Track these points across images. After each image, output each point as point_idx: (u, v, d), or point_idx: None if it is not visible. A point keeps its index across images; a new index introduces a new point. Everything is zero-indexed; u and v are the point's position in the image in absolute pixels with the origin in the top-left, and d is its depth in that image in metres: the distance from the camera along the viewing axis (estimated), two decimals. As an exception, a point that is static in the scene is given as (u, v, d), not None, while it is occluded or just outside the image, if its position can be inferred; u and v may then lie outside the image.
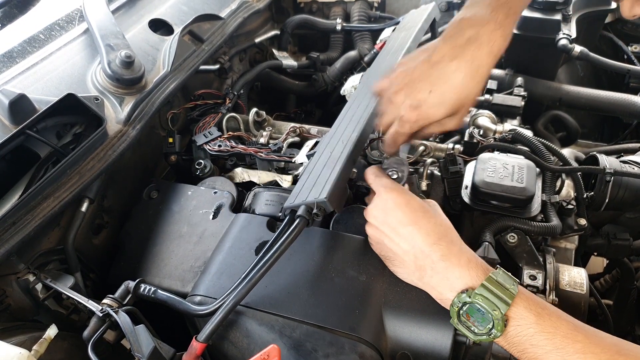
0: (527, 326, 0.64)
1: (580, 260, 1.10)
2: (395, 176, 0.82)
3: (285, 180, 1.01)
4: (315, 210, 0.76)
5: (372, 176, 0.82)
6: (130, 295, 0.78)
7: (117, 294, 0.78)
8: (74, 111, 0.94)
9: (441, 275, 0.70)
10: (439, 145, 1.13)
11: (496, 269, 0.69)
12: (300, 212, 0.76)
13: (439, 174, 1.01)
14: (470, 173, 0.96)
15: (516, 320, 0.64)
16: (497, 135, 1.10)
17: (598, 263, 1.65)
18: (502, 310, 0.64)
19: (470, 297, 0.66)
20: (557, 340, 0.62)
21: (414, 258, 0.72)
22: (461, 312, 0.67)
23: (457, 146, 1.10)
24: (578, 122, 1.63)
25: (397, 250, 0.74)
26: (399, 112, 0.78)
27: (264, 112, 1.25)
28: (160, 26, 1.23)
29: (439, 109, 0.76)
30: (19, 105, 0.84)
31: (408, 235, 0.73)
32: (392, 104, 0.80)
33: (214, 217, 0.96)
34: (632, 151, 1.23)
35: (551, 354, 0.62)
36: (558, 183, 1.00)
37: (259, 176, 1.02)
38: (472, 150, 1.06)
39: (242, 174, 1.05)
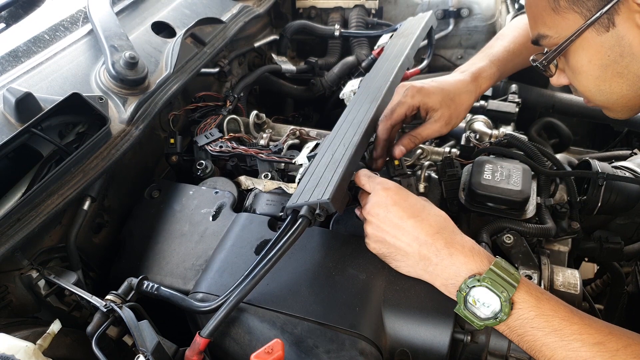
0: (529, 309, 0.67)
1: (573, 264, 1.12)
2: None
3: (291, 187, 1.02)
4: (318, 211, 0.77)
5: (364, 177, 0.85)
6: (133, 292, 0.79)
7: (120, 290, 0.78)
8: (78, 110, 0.95)
9: (446, 263, 0.72)
10: (436, 149, 1.15)
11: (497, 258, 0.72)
12: (303, 212, 0.77)
13: (436, 176, 1.03)
14: (467, 176, 0.98)
15: (519, 303, 0.67)
16: (492, 140, 1.12)
17: (589, 269, 1.68)
18: (510, 293, 0.67)
19: (479, 280, 0.68)
20: (556, 323, 0.65)
21: (418, 249, 0.74)
22: (468, 297, 0.69)
23: (454, 150, 1.13)
24: (570, 130, 1.66)
25: (400, 245, 0.76)
26: (406, 88, 0.98)
27: (264, 115, 1.27)
28: (162, 29, 1.25)
29: (437, 90, 0.97)
30: (25, 104, 0.85)
31: (411, 228, 0.75)
32: (406, 84, 0.99)
33: (215, 216, 0.97)
34: (623, 158, 1.26)
35: (550, 335, 0.65)
36: (552, 187, 1.03)
37: (265, 184, 1.03)
38: (469, 154, 1.08)
39: (247, 182, 1.06)
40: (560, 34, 0.74)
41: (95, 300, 0.76)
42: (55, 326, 0.71)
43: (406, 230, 0.75)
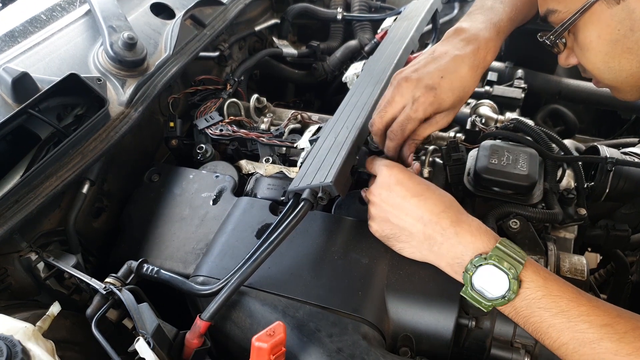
0: (536, 289, 0.65)
1: (578, 252, 1.11)
2: None
3: (292, 172, 1.00)
4: (320, 194, 0.76)
5: (369, 160, 0.85)
6: (132, 275, 0.78)
7: (119, 273, 0.77)
8: (76, 92, 0.93)
9: (452, 242, 0.71)
10: (441, 133, 1.13)
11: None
12: (305, 195, 0.76)
13: (441, 161, 1.01)
14: (472, 160, 0.96)
15: (526, 283, 0.66)
16: (499, 124, 1.10)
17: (592, 259, 1.67)
18: (518, 270, 0.65)
19: (485, 259, 0.67)
20: (563, 304, 0.64)
21: (423, 228, 0.73)
22: (474, 276, 0.67)
23: (459, 135, 1.11)
24: (576, 117, 1.64)
25: (404, 225, 0.75)
26: (414, 94, 0.80)
27: (265, 99, 1.25)
28: (161, 10, 1.23)
29: (449, 95, 0.81)
30: (22, 84, 0.83)
31: (414, 207, 0.74)
32: (407, 83, 0.81)
33: (216, 200, 0.96)
34: (630, 146, 1.24)
35: (557, 316, 0.63)
36: (559, 172, 1.01)
37: (266, 168, 1.01)
38: (474, 138, 1.07)
39: (247, 166, 1.05)
40: (569, 7, 0.72)
41: (94, 282, 0.75)
42: (55, 308, 0.70)
43: (409, 210, 0.74)
